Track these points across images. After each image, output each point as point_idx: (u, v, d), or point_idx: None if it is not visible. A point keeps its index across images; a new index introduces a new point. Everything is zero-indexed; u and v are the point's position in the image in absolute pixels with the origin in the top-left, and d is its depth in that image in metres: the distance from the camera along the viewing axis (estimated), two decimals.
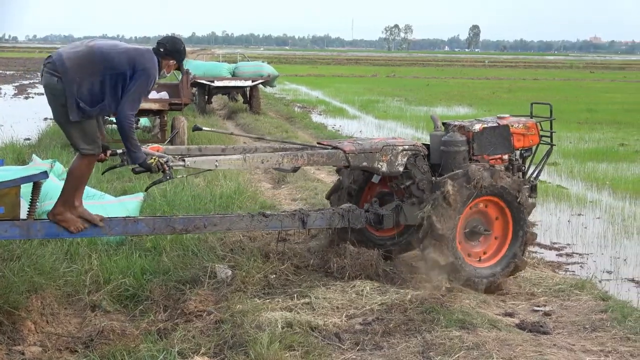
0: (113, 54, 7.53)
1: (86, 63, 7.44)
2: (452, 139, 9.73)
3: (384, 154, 9.42)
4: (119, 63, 7.49)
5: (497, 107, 37.10)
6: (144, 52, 7.71)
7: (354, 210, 9.42)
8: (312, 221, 9.02)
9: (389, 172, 9.48)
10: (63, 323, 8.00)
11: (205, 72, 30.90)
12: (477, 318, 7.79)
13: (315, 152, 9.12)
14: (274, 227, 8.91)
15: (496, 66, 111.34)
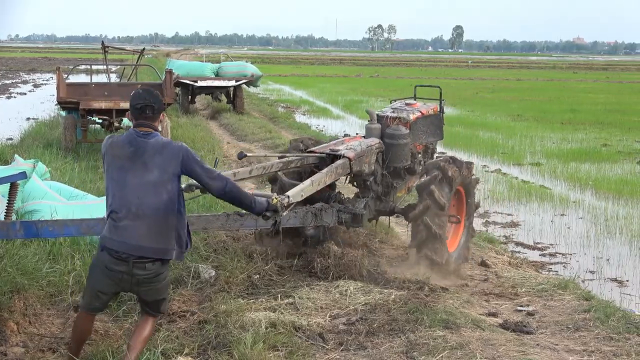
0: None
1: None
2: (398, 132, 10.33)
3: (367, 156, 9.75)
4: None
5: (481, 107, 37.28)
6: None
7: (326, 209, 9.44)
8: (286, 220, 8.72)
9: (369, 171, 9.85)
10: (46, 323, 7.96)
11: (189, 72, 30.85)
12: (460, 318, 7.82)
13: (339, 165, 9.33)
14: (249, 225, 8.66)
15: (479, 66, 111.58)
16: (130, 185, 6.19)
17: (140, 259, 6.16)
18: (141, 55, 24.09)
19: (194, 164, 6.34)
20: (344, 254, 9.43)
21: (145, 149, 6.26)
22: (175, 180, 6.31)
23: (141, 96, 6.42)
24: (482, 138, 25.88)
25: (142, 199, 6.16)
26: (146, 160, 6.22)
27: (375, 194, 10.26)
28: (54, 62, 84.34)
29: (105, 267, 6.21)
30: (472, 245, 11.22)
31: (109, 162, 6.35)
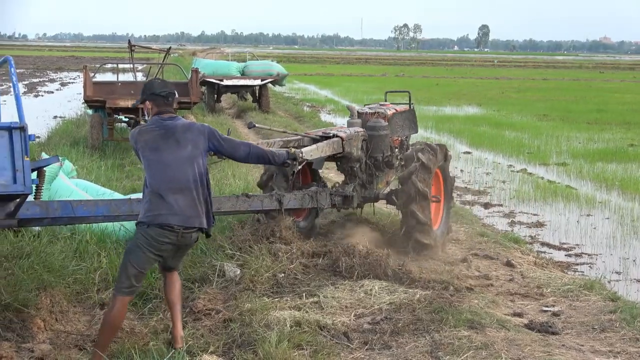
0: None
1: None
2: (378, 124, 11.26)
3: (355, 140, 10.58)
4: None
5: (507, 107, 37.17)
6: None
7: (320, 192, 10.27)
8: (287, 201, 9.67)
9: (356, 156, 10.77)
10: (72, 321, 8.01)
11: (215, 71, 30.93)
12: (485, 318, 7.79)
13: (335, 141, 10.32)
14: (255, 206, 9.43)
15: (505, 66, 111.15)
16: (167, 162, 6.75)
17: (187, 229, 6.75)
18: (167, 54, 24.15)
19: (218, 138, 7.19)
20: (369, 253, 9.44)
21: (175, 129, 6.88)
22: (204, 156, 7.00)
23: (164, 85, 7.15)
24: (507, 138, 25.80)
25: (181, 172, 6.75)
26: (178, 138, 6.84)
27: (361, 180, 11.02)
28: (81, 60, 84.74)
29: (154, 241, 6.69)
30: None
31: (142, 147, 6.86)
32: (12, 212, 7.17)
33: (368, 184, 11.20)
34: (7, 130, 6.59)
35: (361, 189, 11.06)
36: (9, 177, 6.58)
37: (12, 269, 8.36)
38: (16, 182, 6.59)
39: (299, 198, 9.92)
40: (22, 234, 9.81)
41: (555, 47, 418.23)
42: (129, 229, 10.30)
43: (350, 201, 10.71)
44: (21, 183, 6.60)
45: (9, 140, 6.60)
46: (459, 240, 11.81)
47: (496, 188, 17.41)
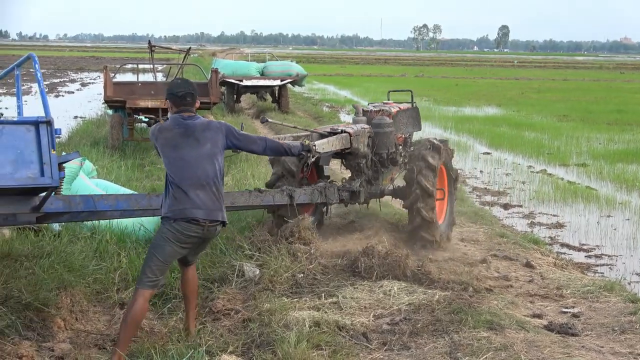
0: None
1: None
2: (383, 121, 11.47)
3: (362, 136, 10.87)
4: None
5: (526, 108, 37.08)
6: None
7: (329, 187, 10.45)
8: (298, 196, 9.83)
9: (363, 152, 10.94)
10: (92, 320, 8.05)
11: (234, 71, 30.96)
12: (505, 319, 7.77)
13: (344, 136, 10.47)
14: (267, 201, 9.57)
15: (525, 66, 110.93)
16: (188, 159, 6.99)
17: (212, 222, 7.01)
18: (187, 54, 24.21)
19: (236, 135, 7.42)
20: (388, 254, 9.43)
21: (195, 128, 7.10)
22: (223, 153, 7.25)
23: (182, 85, 7.30)
24: (527, 138, 25.74)
25: (203, 169, 7.00)
26: (198, 137, 7.07)
27: (367, 177, 11.23)
28: (102, 61, 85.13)
29: (181, 235, 6.94)
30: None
31: (162, 145, 7.12)
32: (38, 206, 7.27)
33: (374, 180, 11.40)
34: (34, 124, 6.72)
35: (367, 185, 11.25)
36: (36, 170, 6.70)
37: (33, 269, 8.39)
38: (44, 175, 6.70)
39: (309, 193, 10.10)
40: (42, 233, 9.86)
41: (575, 47, 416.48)
42: (149, 229, 10.34)
43: (358, 196, 10.91)
44: (49, 176, 6.71)
45: (36, 134, 6.72)
46: (478, 241, 11.78)
47: (516, 189, 17.38)
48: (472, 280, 9.19)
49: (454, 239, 11.53)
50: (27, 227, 9.88)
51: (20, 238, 9.53)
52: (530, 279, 9.94)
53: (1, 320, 7.18)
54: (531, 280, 9.91)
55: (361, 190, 10.93)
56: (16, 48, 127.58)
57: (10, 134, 6.65)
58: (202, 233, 7.01)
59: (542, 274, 10.19)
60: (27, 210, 7.27)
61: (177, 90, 7.21)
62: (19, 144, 6.66)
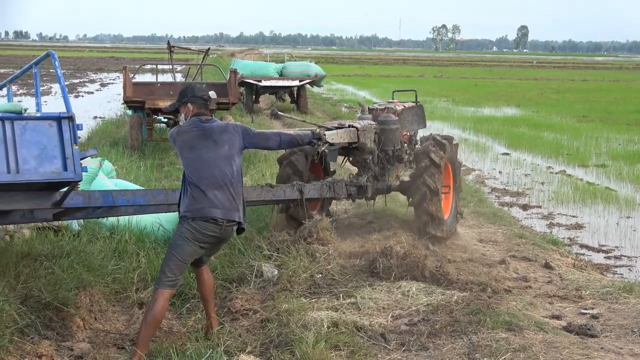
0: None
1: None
2: (389, 118, 11.68)
3: (369, 132, 11.07)
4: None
5: (546, 108, 36.94)
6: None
7: (337, 182, 10.69)
8: (308, 191, 10.08)
9: (370, 147, 11.11)
10: (111, 320, 8.08)
11: (253, 71, 30.98)
12: (523, 320, 7.75)
13: (351, 130, 10.67)
14: (279, 196, 9.76)
15: (544, 67, 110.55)
16: (206, 160, 7.17)
17: (229, 222, 7.16)
18: (206, 55, 24.24)
19: (251, 135, 7.58)
20: (407, 254, 9.42)
21: (213, 130, 7.31)
22: (240, 155, 7.44)
23: (205, 89, 7.70)
24: (546, 139, 25.65)
25: (220, 169, 7.17)
26: (215, 139, 7.26)
27: (373, 172, 11.46)
28: (121, 61, 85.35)
29: (199, 234, 7.08)
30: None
31: (180, 146, 7.31)
32: (59, 201, 7.39)
33: (380, 176, 11.62)
34: (56, 120, 6.94)
35: (374, 181, 11.46)
36: (59, 164, 6.92)
37: (52, 268, 8.43)
38: (67, 170, 6.92)
39: (318, 188, 10.31)
40: (62, 233, 9.90)
41: (595, 47, 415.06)
42: (168, 229, 10.36)
43: (365, 191, 11.17)
44: (72, 170, 6.94)
45: (58, 129, 6.94)
46: (497, 241, 11.76)
47: (535, 189, 17.33)
48: (490, 281, 9.16)
49: (472, 240, 11.55)
50: (47, 227, 9.93)
51: (40, 238, 9.58)
52: (549, 280, 9.91)
53: (21, 320, 7.21)
54: (550, 281, 9.88)
55: (368, 185, 11.19)
56: (36, 48, 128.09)
57: (34, 129, 6.86)
58: (220, 233, 7.14)
59: (561, 275, 10.16)
60: (49, 206, 7.45)
61: (202, 94, 7.54)
62: (42, 140, 6.87)
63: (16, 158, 6.76)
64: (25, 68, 8.44)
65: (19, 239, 9.51)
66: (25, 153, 6.80)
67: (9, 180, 6.73)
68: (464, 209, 13.72)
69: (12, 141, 6.76)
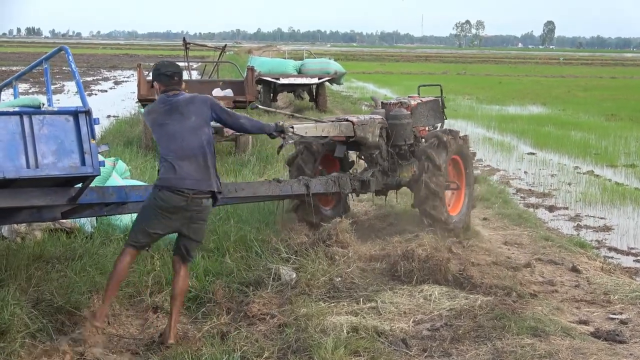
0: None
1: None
2: (400, 113, 11.86)
3: (370, 126, 11.24)
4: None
5: (573, 106, 36.82)
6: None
7: (342, 177, 11.00)
8: (314, 186, 10.45)
9: (372, 141, 11.31)
10: (124, 324, 8.09)
11: (271, 69, 30.95)
12: (550, 325, 7.72)
13: (343, 124, 10.89)
14: (286, 190, 10.15)
15: (572, 64, 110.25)
16: (173, 133, 7.47)
17: (197, 194, 7.41)
18: (223, 52, 24.27)
19: (221, 110, 7.82)
20: (429, 257, 9.40)
21: (179, 103, 7.60)
22: (209, 125, 7.71)
23: (169, 65, 7.88)
24: (574, 138, 25.56)
25: (187, 141, 7.44)
26: (182, 111, 7.56)
27: (382, 168, 11.64)
28: (135, 59, 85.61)
29: (164, 204, 7.36)
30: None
31: (152, 124, 7.67)
32: (74, 197, 7.49)
33: (391, 172, 11.77)
34: (73, 114, 7.14)
35: (383, 176, 11.64)
36: (77, 159, 7.12)
37: (65, 271, 8.46)
38: (85, 164, 7.12)
39: (324, 183, 10.67)
40: (74, 235, 9.94)
41: (624, 44, 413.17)
42: None
43: (368, 186, 11.32)
44: (90, 165, 7.15)
45: (76, 123, 7.14)
46: (522, 244, 11.74)
47: (561, 190, 17.27)
48: (515, 285, 9.13)
49: (497, 242, 11.55)
50: (59, 229, 9.97)
51: (52, 240, 9.62)
52: (577, 284, 9.87)
53: (32, 324, 7.24)
54: (577, 285, 9.85)
55: (371, 180, 11.33)
56: (49, 45, 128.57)
57: (51, 124, 7.03)
58: (186, 204, 7.38)
59: (589, 278, 10.11)
60: (64, 202, 7.62)
61: (165, 70, 7.75)
62: (59, 134, 7.06)
63: (35, 153, 6.94)
64: (34, 64, 8.50)
65: (30, 240, 9.55)
66: (43, 148, 6.97)
67: (29, 175, 6.90)
68: (489, 211, 13.70)
69: (31, 136, 6.93)
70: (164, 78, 7.74)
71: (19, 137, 6.87)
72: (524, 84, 58.74)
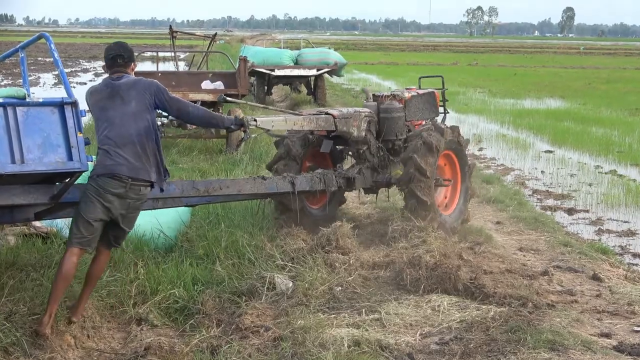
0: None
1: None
2: (391, 106, 12.07)
3: (354, 120, 11.41)
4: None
5: (594, 100, 36.83)
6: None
7: (327, 174, 11.15)
8: (299, 183, 10.61)
9: (357, 136, 11.47)
10: (106, 338, 8.09)
11: (265, 59, 30.91)
12: (569, 338, 7.72)
13: (320, 117, 11.05)
14: (271, 188, 10.31)
15: (592, 53, 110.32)
16: (112, 119, 7.73)
17: (135, 182, 7.69)
18: (212, 41, 24.28)
19: (165, 96, 8.04)
20: (438, 264, 9.40)
21: (120, 87, 7.87)
22: (151, 112, 7.93)
23: (112, 48, 8.15)
24: (595, 135, 25.56)
25: (126, 127, 7.70)
26: (123, 95, 7.83)
27: (371, 164, 11.84)
28: None
29: (103, 190, 7.58)
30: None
31: (92, 107, 7.95)
32: (56, 195, 7.55)
33: (381, 169, 11.99)
34: (59, 106, 7.22)
35: (372, 173, 11.87)
36: (63, 154, 7.19)
37: (41, 280, 8.46)
38: (72, 159, 7.19)
39: (309, 180, 10.86)
40: (51, 240, 9.93)
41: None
42: (169, 236, 10.39)
43: (353, 184, 11.50)
44: (77, 160, 7.23)
45: (61, 116, 7.22)
46: (538, 250, 11.75)
47: (581, 192, 17.26)
48: (531, 294, 9.13)
49: (511, 248, 11.57)
50: (35, 234, 9.96)
51: (27, 246, 9.62)
52: (598, 294, 9.88)
53: (5, 337, 7.24)
54: (599, 294, 9.85)
55: (357, 177, 11.51)
56: (22, 34, 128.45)
57: (36, 116, 7.09)
58: (124, 191, 7.65)
59: (611, 287, 10.13)
60: (46, 200, 7.68)
61: (107, 53, 8.07)
62: (44, 127, 7.13)
63: (20, 147, 6.99)
64: (9, 52, 8.51)
65: (2, 246, 9.55)
66: (28, 142, 7.01)
67: (14, 171, 6.94)
68: (502, 214, 13.72)
69: (16, 129, 6.98)
70: (108, 61, 8.06)
71: (3, 130, 6.89)
72: (540, 75, 58.78)
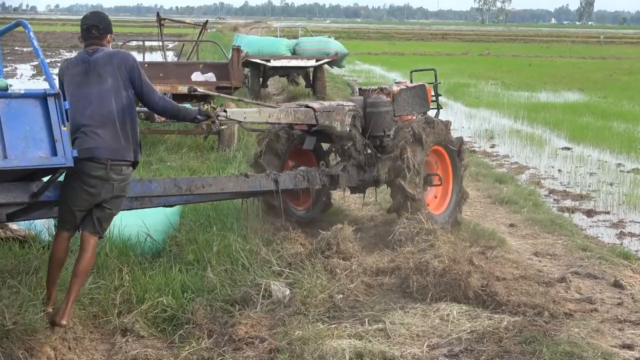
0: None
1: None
2: (379, 100, 12.20)
3: (337, 113, 11.57)
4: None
5: (615, 93, 36.81)
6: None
7: (311, 172, 11.42)
8: (282, 181, 10.87)
9: (341, 131, 11.63)
10: (88, 350, 8.08)
11: (260, 49, 30.84)
12: (588, 350, 7.72)
13: (299, 110, 11.22)
14: (254, 186, 10.56)
15: (613, 42, 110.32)
16: (89, 96, 7.90)
17: (116, 162, 7.87)
18: (203, 29, 24.32)
19: (138, 76, 8.19)
20: (446, 270, 9.40)
21: (97, 62, 8.02)
22: (129, 88, 8.13)
23: (87, 18, 8.29)
24: (616, 130, 25.54)
25: (104, 106, 7.88)
26: (99, 72, 7.99)
27: (357, 162, 12.01)
28: None
29: (84, 175, 7.77)
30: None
31: (67, 82, 8.07)
32: (36, 193, 7.59)
33: (368, 166, 12.13)
34: (41, 98, 7.20)
35: (358, 172, 12.05)
36: (47, 148, 7.19)
37: (17, 287, 8.45)
38: (56, 154, 7.20)
39: (292, 178, 11.13)
40: (29, 244, 9.92)
41: None
42: (156, 240, 10.38)
43: (336, 182, 11.73)
44: (62, 155, 7.22)
45: (44, 108, 7.20)
46: (555, 255, 11.74)
47: (602, 192, 17.25)
48: (548, 303, 9.14)
49: (526, 253, 11.56)
50: (11, 237, 9.95)
51: (3, 250, 9.61)
52: (619, 302, 9.88)
53: None
54: (620, 303, 9.86)
55: (341, 175, 11.72)
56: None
57: (18, 108, 7.07)
58: (105, 173, 7.84)
59: (634, 295, 10.13)
60: (26, 198, 7.67)
61: (82, 24, 8.20)
62: (27, 120, 7.12)
63: (3, 141, 6.97)
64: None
65: None
66: (11, 136, 7.00)
67: None
68: (516, 216, 13.72)
69: None
70: (82, 32, 8.18)
71: None
72: (557, 66, 58.77)
